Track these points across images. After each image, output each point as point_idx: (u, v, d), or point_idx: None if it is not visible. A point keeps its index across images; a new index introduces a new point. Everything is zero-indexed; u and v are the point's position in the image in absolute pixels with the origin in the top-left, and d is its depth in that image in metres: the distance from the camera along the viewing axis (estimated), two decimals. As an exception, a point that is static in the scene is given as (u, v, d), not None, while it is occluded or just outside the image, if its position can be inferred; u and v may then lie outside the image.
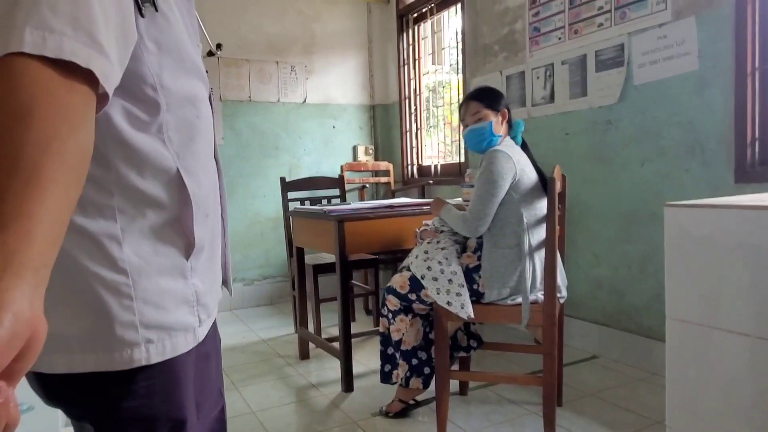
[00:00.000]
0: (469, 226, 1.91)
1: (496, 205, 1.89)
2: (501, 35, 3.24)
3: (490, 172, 1.88)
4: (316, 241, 2.60)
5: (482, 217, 1.88)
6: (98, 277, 0.62)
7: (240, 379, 2.63)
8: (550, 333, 1.80)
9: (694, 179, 2.26)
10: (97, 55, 0.51)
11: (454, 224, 1.98)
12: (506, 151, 1.91)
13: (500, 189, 1.87)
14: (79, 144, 0.50)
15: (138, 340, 0.64)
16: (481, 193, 1.89)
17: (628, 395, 2.25)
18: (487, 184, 1.88)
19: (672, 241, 1.02)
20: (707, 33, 2.18)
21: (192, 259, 0.71)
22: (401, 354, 2.08)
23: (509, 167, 1.88)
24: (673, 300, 1.02)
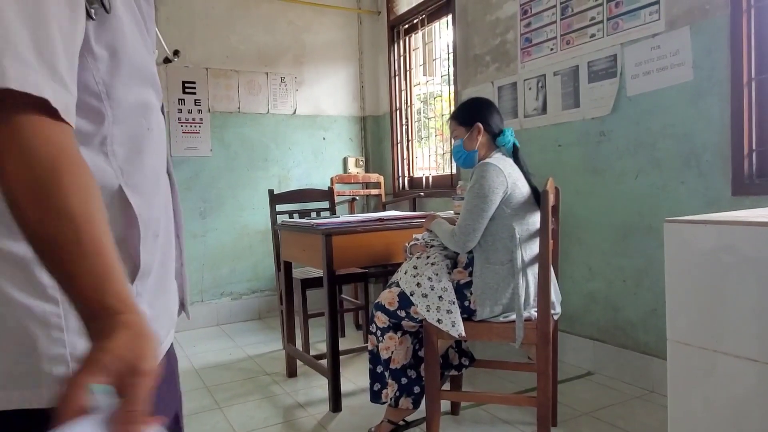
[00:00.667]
0: (457, 241, 1.84)
1: (486, 220, 1.82)
2: (492, 46, 3.20)
3: (480, 186, 1.82)
4: (303, 255, 2.53)
5: (470, 232, 1.82)
6: (24, 307, 0.55)
7: (224, 398, 2.54)
8: (544, 352, 1.73)
9: (689, 192, 2.21)
10: (61, 89, 0.50)
11: (444, 239, 1.92)
12: (497, 165, 1.85)
13: (490, 204, 1.81)
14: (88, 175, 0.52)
15: (68, 375, 0.55)
16: (470, 208, 1.83)
17: (625, 414, 2.18)
18: (476, 198, 1.82)
19: (673, 258, 0.96)
20: (702, 43, 2.14)
21: (137, 284, 0.64)
22: (390, 373, 2.00)
23: (500, 181, 1.82)
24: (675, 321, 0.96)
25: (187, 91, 3.79)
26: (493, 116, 2.02)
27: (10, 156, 0.47)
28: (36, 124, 0.49)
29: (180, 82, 3.76)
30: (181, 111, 3.77)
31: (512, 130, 2.03)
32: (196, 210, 3.85)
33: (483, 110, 2.03)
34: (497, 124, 2.01)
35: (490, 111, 2.04)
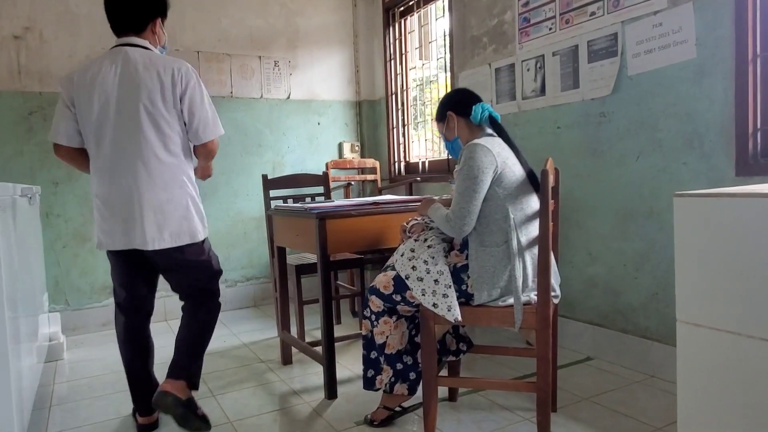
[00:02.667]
0: (452, 226, 1.79)
1: (479, 202, 1.76)
2: (489, 27, 3.13)
3: (470, 168, 1.76)
4: (297, 240, 2.47)
5: (465, 215, 1.76)
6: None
7: (219, 386, 2.49)
8: (544, 336, 1.69)
9: (692, 173, 2.16)
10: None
11: (440, 225, 1.86)
12: (485, 144, 1.79)
13: (481, 184, 1.75)
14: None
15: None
16: (461, 190, 1.77)
17: (626, 399, 2.14)
18: (467, 180, 1.76)
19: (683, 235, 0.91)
20: (705, 20, 2.08)
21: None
22: (385, 358, 1.96)
23: (489, 160, 1.76)
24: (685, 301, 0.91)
25: (179, 75, 3.70)
26: (460, 100, 2.00)
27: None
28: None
29: (171, 65, 3.67)
30: (172, 95, 3.68)
31: (486, 104, 1.96)
32: (189, 196, 3.78)
33: (451, 99, 2.04)
34: (468, 104, 1.97)
35: (458, 96, 2.03)
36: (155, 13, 2.00)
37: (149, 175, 1.88)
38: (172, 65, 1.90)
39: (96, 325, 3.51)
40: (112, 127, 1.88)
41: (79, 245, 3.46)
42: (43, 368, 2.76)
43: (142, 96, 1.86)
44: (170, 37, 3.65)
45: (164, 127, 1.89)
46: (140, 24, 1.97)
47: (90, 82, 1.88)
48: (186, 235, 1.95)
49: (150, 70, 1.87)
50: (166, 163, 1.91)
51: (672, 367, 2.27)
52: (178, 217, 1.93)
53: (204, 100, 1.94)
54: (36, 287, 2.62)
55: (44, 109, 3.35)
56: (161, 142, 1.90)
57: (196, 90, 1.92)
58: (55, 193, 3.38)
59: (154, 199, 1.89)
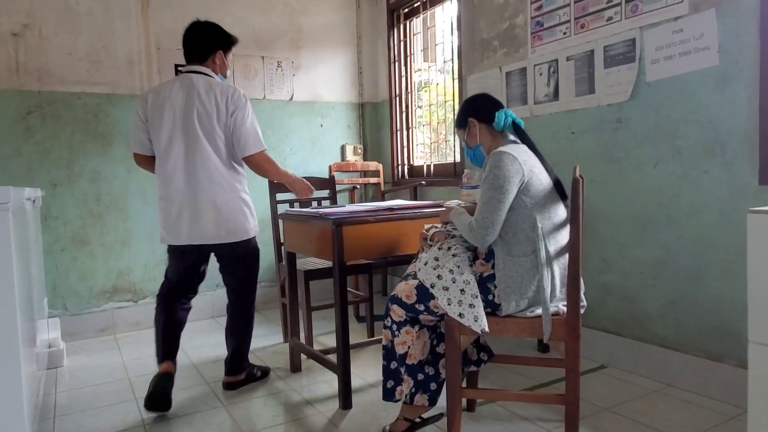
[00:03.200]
0: (476, 235, 1.74)
1: (504, 212, 1.72)
2: (500, 30, 3.10)
3: (495, 176, 1.72)
4: (310, 245, 2.42)
5: (489, 225, 1.72)
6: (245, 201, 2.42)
7: (228, 395, 2.43)
8: (573, 347, 1.66)
9: (713, 181, 2.14)
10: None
11: (463, 232, 1.82)
12: (510, 152, 1.76)
13: (507, 194, 1.71)
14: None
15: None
16: (485, 200, 1.73)
17: (647, 409, 2.12)
18: (492, 189, 1.72)
19: (758, 254, 0.87)
20: (729, 26, 2.06)
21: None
22: (406, 369, 1.91)
23: (515, 169, 1.72)
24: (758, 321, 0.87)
25: (181, 74, 3.63)
26: (483, 106, 1.96)
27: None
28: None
29: (173, 65, 3.60)
30: (174, 95, 3.61)
31: (509, 111, 1.93)
32: (191, 199, 3.71)
33: (471, 105, 2.00)
34: (491, 110, 1.93)
35: (479, 102, 1.99)
36: (217, 47, 2.41)
37: (209, 182, 2.28)
38: (227, 92, 2.29)
39: (94, 331, 3.42)
40: (179, 142, 2.27)
41: (78, 248, 3.37)
42: (44, 376, 2.67)
43: (202, 116, 2.26)
44: (172, 36, 3.59)
45: (218, 143, 2.29)
46: (204, 55, 2.38)
47: (162, 103, 2.28)
48: (242, 232, 2.37)
49: (209, 95, 2.27)
50: (222, 172, 2.30)
51: (691, 377, 2.25)
52: (235, 217, 2.33)
53: (246, 120, 2.30)
54: (36, 292, 2.54)
55: (43, 109, 3.26)
56: (216, 155, 2.28)
57: (242, 112, 2.29)
58: (54, 195, 3.29)
59: (213, 201, 2.28)
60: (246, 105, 2.31)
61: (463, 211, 1.89)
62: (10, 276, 1.54)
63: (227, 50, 2.46)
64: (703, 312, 2.22)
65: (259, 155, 2.33)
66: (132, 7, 3.48)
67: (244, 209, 2.37)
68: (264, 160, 2.36)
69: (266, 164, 2.37)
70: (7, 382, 1.56)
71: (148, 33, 3.53)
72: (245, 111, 2.30)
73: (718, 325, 2.17)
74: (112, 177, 3.45)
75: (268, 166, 2.38)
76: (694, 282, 2.25)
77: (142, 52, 3.52)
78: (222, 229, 2.31)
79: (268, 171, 2.40)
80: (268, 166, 2.38)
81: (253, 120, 2.32)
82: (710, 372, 2.19)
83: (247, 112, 2.31)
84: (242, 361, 2.51)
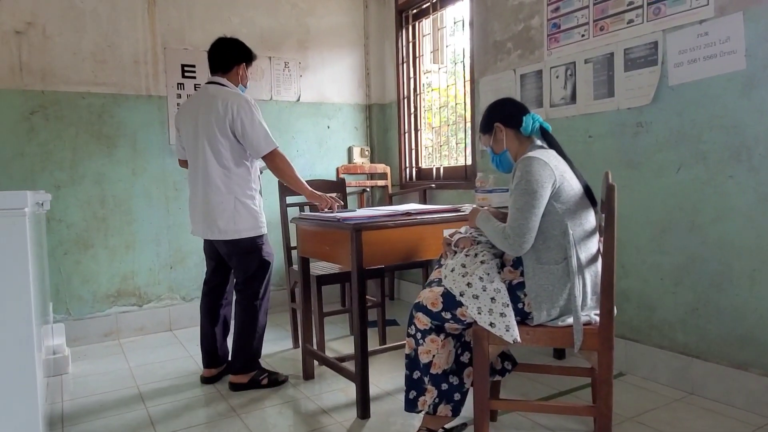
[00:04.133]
0: (511, 243, 1.69)
1: (539, 218, 1.68)
2: (515, 32, 3.06)
3: (528, 182, 1.68)
4: (327, 251, 2.36)
5: (526, 232, 1.67)
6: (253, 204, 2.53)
7: (241, 404, 2.37)
8: (606, 358, 1.62)
9: (739, 186, 2.11)
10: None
11: (494, 239, 1.76)
12: (541, 157, 1.72)
13: (541, 199, 1.67)
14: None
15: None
16: (519, 206, 1.68)
17: (670, 419, 2.08)
18: (525, 194, 1.68)
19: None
20: (756, 30, 2.03)
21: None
22: (430, 378, 1.86)
23: (547, 174, 1.69)
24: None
25: (187, 75, 3.57)
26: (509, 110, 1.92)
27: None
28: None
29: (179, 65, 3.54)
30: (180, 96, 3.55)
31: (536, 115, 1.89)
32: (196, 201, 3.64)
33: (497, 109, 1.95)
34: (519, 114, 1.89)
35: (505, 107, 1.95)
36: (240, 60, 2.57)
37: (206, 184, 2.45)
38: (228, 99, 2.41)
39: (98, 336, 3.35)
40: (194, 147, 2.49)
41: (81, 252, 3.30)
42: (49, 384, 2.61)
43: (209, 123, 2.42)
44: (179, 36, 3.53)
45: (220, 147, 2.42)
46: (228, 66, 2.55)
47: (185, 113, 2.55)
48: (232, 232, 2.45)
49: (216, 102, 2.41)
50: (219, 174, 2.43)
51: (714, 385, 2.22)
52: (226, 217, 2.44)
53: (254, 122, 2.40)
54: (42, 297, 2.47)
55: (46, 109, 3.19)
56: (216, 159, 2.43)
57: (243, 116, 2.39)
58: (57, 198, 3.22)
59: (210, 200, 2.44)
60: (249, 109, 2.40)
61: (490, 216, 1.85)
62: (27, 284, 1.49)
63: (249, 64, 2.62)
64: (727, 319, 2.18)
65: (273, 154, 2.45)
66: (138, 6, 3.41)
67: (240, 210, 2.45)
68: (278, 159, 2.47)
69: (281, 163, 2.48)
70: (24, 390, 1.51)
71: (154, 32, 3.47)
72: (249, 115, 2.39)
73: (743, 333, 2.14)
74: (116, 179, 3.38)
75: (282, 165, 2.48)
76: (717, 289, 2.21)
77: (149, 52, 3.46)
78: (214, 227, 2.45)
79: (284, 172, 2.50)
80: (282, 166, 2.48)
81: (258, 122, 2.41)
82: (734, 380, 2.16)
83: (251, 116, 2.40)
84: (246, 363, 2.51)
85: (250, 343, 2.52)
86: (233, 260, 2.55)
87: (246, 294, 2.52)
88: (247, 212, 2.46)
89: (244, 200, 2.46)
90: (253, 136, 2.40)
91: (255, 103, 2.45)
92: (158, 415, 2.27)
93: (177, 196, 3.57)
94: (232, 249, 2.51)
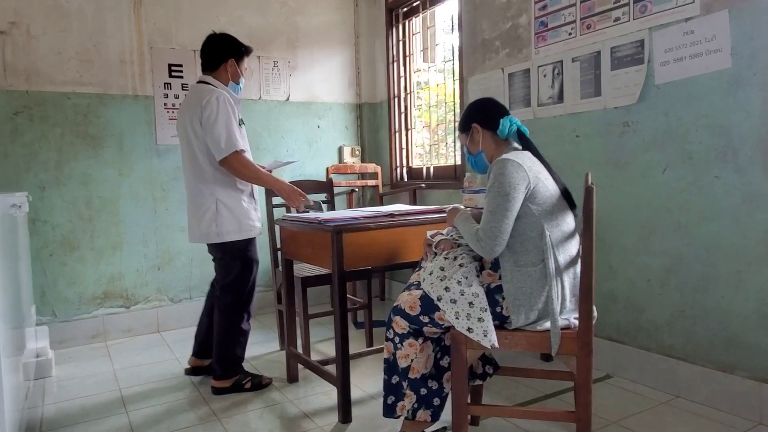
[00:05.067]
0: (483, 246, 1.66)
1: (512, 220, 1.65)
2: (503, 30, 3.03)
3: (501, 185, 1.65)
4: (308, 253, 2.34)
5: (497, 235, 1.64)
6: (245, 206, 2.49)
7: (222, 407, 2.34)
8: (585, 363, 1.58)
9: (725, 187, 2.08)
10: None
11: (469, 241, 1.74)
12: (515, 159, 1.68)
13: (514, 201, 1.64)
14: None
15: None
16: (492, 209, 1.65)
17: (655, 423, 2.05)
18: (498, 197, 1.65)
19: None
20: (742, 28, 2.00)
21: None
22: (409, 383, 1.83)
23: (521, 176, 1.65)
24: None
25: (174, 74, 3.54)
26: (488, 112, 1.88)
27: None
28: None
29: (166, 64, 3.51)
30: (167, 96, 3.52)
31: (514, 118, 1.85)
32: (184, 202, 3.59)
33: (476, 110, 1.92)
34: (496, 116, 1.85)
35: (484, 107, 1.91)
36: (228, 55, 2.47)
37: (189, 185, 2.46)
38: (203, 96, 2.33)
39: (85, 338, 3.33)
40: (182, 149, 2.48)
41: (67, 253, 3.28)
42: (31, 387, 2.58)
43: (186, 122, 2.39)
44: (166, 35, 3.50)
45: (194, 149, 2.38)
46: (215, 64, 2.47)
47: (178, 115, 2.53)
48: (214, 235, 2.41)
49: (194, 102, 2.35)
50: (197, 177, 2.40)
51: (700, 388, 2.19)
52: (207, 219, 2.40)
53: (216, 123, 2.29)
54: (24, 299, 2.45)
55: (31, 109, 3.16)
56: (192, 161, 2.40)
57: (208, 114, 2.30)
58: (42, 198, 3.19)
59: (193, 202, 2.44)
60: (214, 108, 2.30)
61: (469, 216, 1.82)
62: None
63: (240, 58, 2.51)
64: (713, 322, 2.15)
65: (230, 158, 2.31)
66: (124, 5, 3.38)
67: (222, 212, 2.39)
68: (236, 162, 2.33)
69: (239, 166, 2.35)
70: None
71: (140, 32, 3.44)
72: (213, 115, 2.29)
73: (729, 335, 2.11)
74: (102, 179, 3.35)
75: (240, 168, 2.36)
76: (703, 291, 2.18)
77: (135, 52, 3.43)
78: (196, 230, 2.45)
79: (243, 174, 2.38)
80: (240, 169, 2.36)
81: (220, 122, 2.29)
82: (720, 383, 2.13)
83: (214, 116, 2.29)
84: (227, 368, 2.47)
85: (230, 348, 2.47)
86: (215, 263, 2.54)
87: (226, 299, 2.47)
88: (230, 214, 2.40)
89: (226, 201, 2.40)
90: (214, 137, 2.30)
91: (226, 102, 2.33)
92: (138, 420, 2.25)
93: (164, 196, 3.54)
94: (214, 252, 2.51)
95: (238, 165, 2.34)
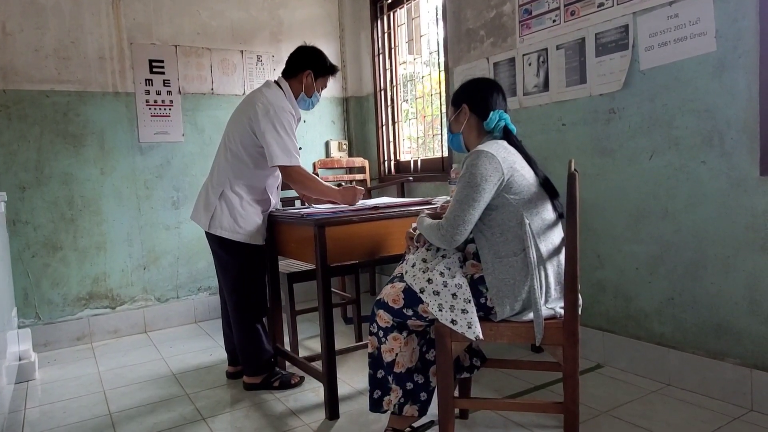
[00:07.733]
0: (443, 234, 1.62)
1: (478, 212, 1.61)
2: (487, 19, 2.99)
3: (472, 175, 1.61)
4: (292, 248, 2.30)
5: (460, 224, 1.60)
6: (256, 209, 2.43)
7: (207, 406, 2.31)
8: (572, 353, 1.56)
9: (712, 172, 2.05)
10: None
11: (429, 236, 1.70)
12: (489, 150, 1.64)
13: (482, 193, 1.59)
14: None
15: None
16: (460, 198, 1.61)
17: (646, 411, 2.03)
18: (468, 187, 1.60)
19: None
20: (726, 10, 1.97)
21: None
22: (394, 377, 1.80)
23: (493, 168, 1.60)
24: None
25: (155, 70, 3.48)
26: (483, 97, 1.80)
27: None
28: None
29: (147, 60, 3.45)
30: (148, 92, 3.46)
31: (505, 114, 1.79)
32: (168, 200, 3.56)
33: (473, 90, 1.84)
34: (488, 107, 1.79)
35: (482, 91, 1.82)
36: (306, 66, 2.43)
37: (212, 167, 2.50)
38: (258, 101, 2.33)
39: (70, 340, 3.28)
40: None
41: (50, 254, 3.22)
42: (13, 390, 2.53)
43: (233, 121, 2.44)
44: (146, 30, 3.44)
45: (231, 146, 2.39)
46: (292, 71, 2.46)
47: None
48: (204, 221, 2.38)
49: (255, 97, 2.36)
50: (221, 169, 2.40)
51: (691, 375, 2.17)
52: (203, 200, 2.42)
53: (272, 131, 2.26)
54: (4, 302, 2.40)
55: (8, 108, 3.10)
56: (224, 156, 2.41)
57: (260, 122, 2.27)
58: (23, 199, 3.13)
59: (205, 183, 2.48)
60: (267, 116, 2.27)
61: (425, 217, 1.79)
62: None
63: (320, 74, 2.47)
64: (702, 309, 2.13)
65: (289, 169, 2.31)
66: (102, 0, 3.32)
67: (222, 204, 2.36)
68: (295, 174, 2.33)
69: (297, 177, 2.33)
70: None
71: (119, 27, 3.38)
72: (266, 124, 2.26)
73: (718, 322, 2.09)
74: (84, 179, 3.30)
75: (299, 179, 2.34)
76: (692, 278, 2.16)
77: (114, 48, 3.37)
78: (195, 209, 2.47)
79: (301, 185, 2.38)
80: (299, 179, 2.34)
81: (283, 131, 2.27)
82: (710, 371, 2.11)
83: (271, 125, 2.26)
84: (252, 365, 2.43)
85: (248, 348, 2.42)
86: (213, 258, 2.50)
87: (229, 295, 2.44)
88: (228, 208, 2.35)
89: (230, 195, 2.35)
90: (268, 145, 2.26)
91: (285, 112, 2.30)
92: (122, 421, 2.21)
93: (148, 195, 3.49)
94: (210, 242, 2.45)
95: (298, 176, 2.34)
